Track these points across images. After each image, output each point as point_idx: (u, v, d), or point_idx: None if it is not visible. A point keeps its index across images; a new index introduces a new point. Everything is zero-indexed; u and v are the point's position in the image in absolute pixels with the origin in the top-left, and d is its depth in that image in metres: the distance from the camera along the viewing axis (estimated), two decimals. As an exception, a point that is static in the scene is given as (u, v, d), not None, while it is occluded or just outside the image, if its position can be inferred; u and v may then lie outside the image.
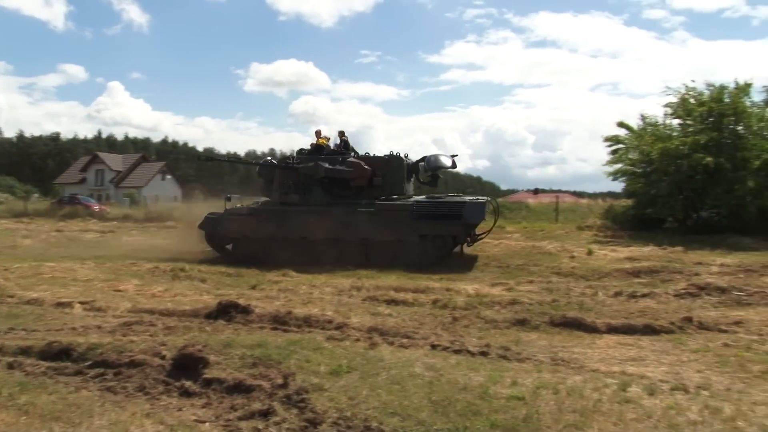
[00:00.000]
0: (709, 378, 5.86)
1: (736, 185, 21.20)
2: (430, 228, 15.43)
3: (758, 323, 8.24)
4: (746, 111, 22.53)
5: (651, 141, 22.74)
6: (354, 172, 16.59)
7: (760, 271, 12.76)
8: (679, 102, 23.39)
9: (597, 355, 6.74)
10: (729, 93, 22.61)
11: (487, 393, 5.10)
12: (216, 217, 16.85)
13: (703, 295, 10.38)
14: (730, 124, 22.32)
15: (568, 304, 9.55)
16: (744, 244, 18.17)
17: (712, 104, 22.25)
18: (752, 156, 21.71)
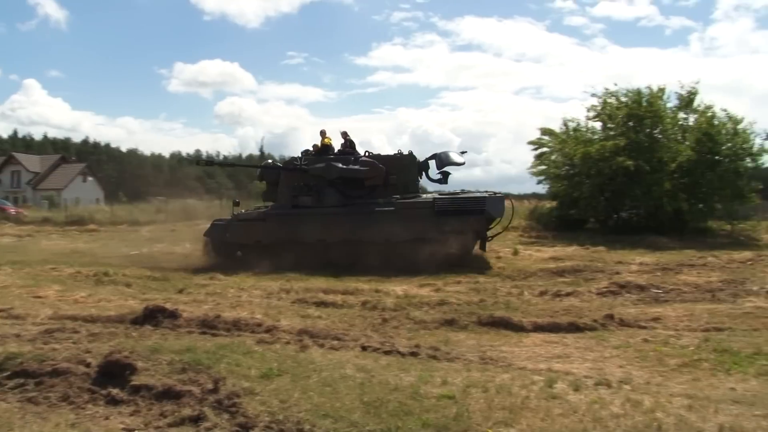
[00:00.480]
0: (630, 372, 6.07)
1: (653, 187, 22.01)
2: (453, 224, 15.02)
3: (674, 319, 8.60)
4: (662, 115, 23.42)
5: (574, 144, 23.40)
6: (370, 172, 16.16)
7: (676, 269, 13.30)
8: (601, 106, 24.15)
9: (524, 353, 6.90)
10: (647, 98, 23.46)
11: (418, 393, 5.14)
12: (224, 223, 16.06)
13: (624, 293, 10.78)
14: (648, 128, 23.15)
15: (495, 304, 9.72)
16: (661, 243, 18.86)
17: (631, 108, 23.03)
18: (668, 158, 22.58)
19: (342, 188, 16.07)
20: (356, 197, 15.83)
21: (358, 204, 15.58)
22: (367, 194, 15.93)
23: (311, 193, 16.00)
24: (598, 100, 24.27)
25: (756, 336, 7.59)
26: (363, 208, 15.36)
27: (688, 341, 7.34)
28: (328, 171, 16.05)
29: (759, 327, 8.11)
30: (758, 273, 12.71)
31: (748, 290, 11.00)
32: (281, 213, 15.97)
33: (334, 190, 16.03)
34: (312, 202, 15.85)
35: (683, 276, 12.56)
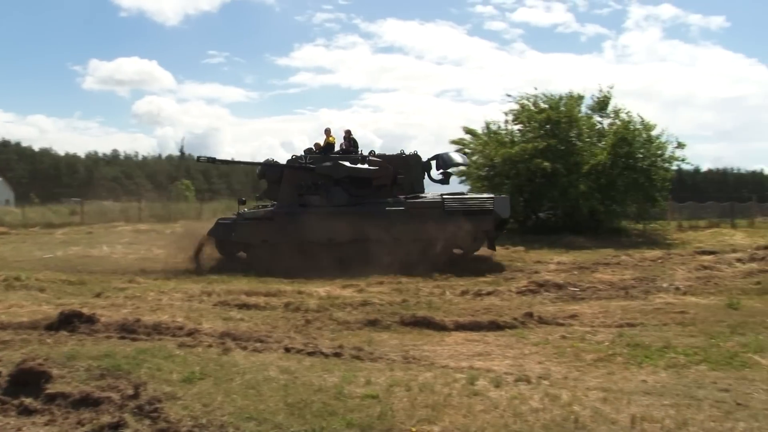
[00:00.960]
0: (548, 368, 6.24)
1: (569, 188, 22.65)
2: (463, 224, 14.96)
3: (590, 316, 8.90)
4: (578, 119, 24.15)
5: (494, 146, 23.82)
6: (378, 171, 16.06)
7: (592, 268, 13.75)
8: (519, 109, 24.70)
9: (446, 352, 6.99)
10: (564, 102, 24.14)
11: (342, 393, 5.16)
12: (230, 222, 15.56)
13: (543, 292, 11.07)
14: (564, 132, 23.79)
15: (417, 304, 9.83)
16: (578, 243, 19.42)
17: (549, 112, 23.65)
18: (583, 161, 23.28)
19: (349, 187, 15.84)
20: (364, 196, 15.63)
21: (368, 203, 15.41)
22: (373, 194, 15.77)
23: (319, 192, 15.76)
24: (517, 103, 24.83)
25: (666, 330, 7.94)
26: (373, 208, 15.24)
27: (603, 337, 7.59)
28: (336, 170, 15.88)
29: (668, 322, 8.48)
30: (668, 270, 13.26)
31: (658, 287, 11.50)
32: (289, 212, 15.53)
33: (342, 189, 15.78)
34: (320, 201, 15.59)
35: (599, 274, 12.98)
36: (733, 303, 9.56)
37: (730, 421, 4.54)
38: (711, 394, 5.25)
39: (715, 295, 10.70)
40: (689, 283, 11.92)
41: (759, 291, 11.16)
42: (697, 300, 10.29)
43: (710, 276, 12.65)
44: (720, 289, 11.40)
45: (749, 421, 4.56)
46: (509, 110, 24.95)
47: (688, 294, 10.88)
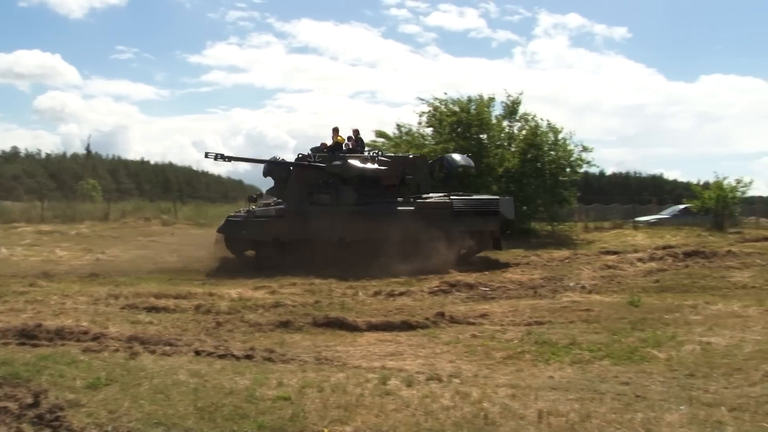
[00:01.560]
0: (459, 367, 6.34)
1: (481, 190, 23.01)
2: (471, 224, 15.57)
3: (500, 315, 9.10)
4: (489, 123, 24.64)
5: (407, 148, 24.01)
6: (388, 171, 16.21)
7: (502, 268, 14.03)
8: (432, 112, 25.00)
9: (359, 352, 7.02)
10: (475, 105, 24.58)
11: (254, 396, 5.10)
12: (241, 219, 15.35)
13: (454, 292, 11.26)
14: (476, 134, 24.22)
15: (330, 305, 9.83)
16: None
17: (460, 114, 24.03)
18: (495, 163, 23.75)
19: (359, 187, 15.92)
20: (372, 196, 15.73)
21: (378, 203, 15.59)
22: (381, 194, 15.92)
23: (329, 191, 15.80)
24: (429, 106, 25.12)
25: (572, 328, 8.19)
26: (384, 207, 15.43)
27: (512, 335, 7.77)
28: (346, 169, 15.96)
29: (574, 319, 8.76)
30: (574, 270, 13.69)
31: (565, 286, 11.87)
32: (300, 210, 15.49)
33: (352, 188, 15.86)
34: (329, 200, 15.68)
35: (509, 274, 13.29)
36: (634, 301, 9.96)
37: (630, 413, 4.72)
38: (613, 387, 5.46)
39: (618, 294, 11.13)
40: (594, 282, 12.36)
41: (657, 289, 11.70)
42: (602, 298, 10.67)
43: (614, 275, 13.15)
44: (622, 287, 11.87)
45: (647, 411, 4.76)
46: (421, 112, 25.24)
47: (593, 292, 11.28)
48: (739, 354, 6.71)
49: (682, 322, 8.49)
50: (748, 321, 8.56)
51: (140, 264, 15.17)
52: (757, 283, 12.21)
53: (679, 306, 9.71)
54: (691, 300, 10.29)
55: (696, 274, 13.25)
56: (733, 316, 9.00)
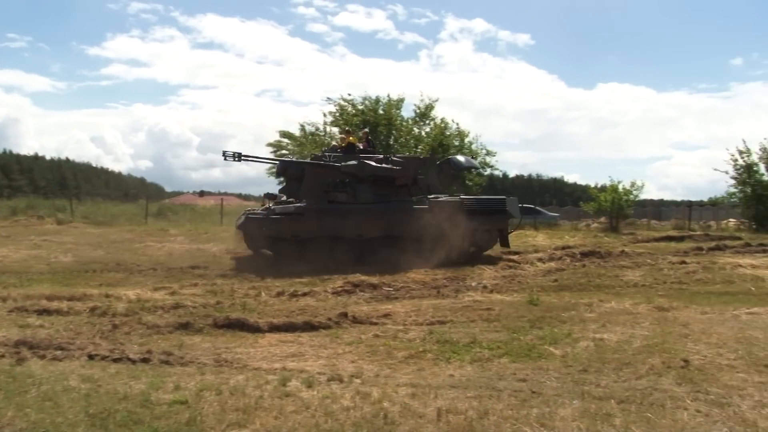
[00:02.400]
0: (361, 367, 6.33)
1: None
2: (480, 222, 16.26)
3: (403, 315, 9.14)
4: (397, 124, 24.84)
5: (312, 148, 23.93)
6: (402, 171, 16.63)
7: (406, 268, 14.09)
8: (338, 112, 25.00)
9: (259, 354, 6.91)
10: (383, 106, 24.73)
11: (149, 400, 4.94)
12: (262, 216, 15.62)
13: (358, 292, 11.27)
14: (383, 135, 24.37)
15: (232, 306, 9.66)
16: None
17: (368, 113, 24.12)
18: (401, 164, 23.95)
19: (374, 186, 16.32)
20: (387, 195, 16.25)
21: (395, 201, 16.17)
22: (394, 193, 16.45)
23: (346, 190, 16.25)
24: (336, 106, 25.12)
25: (473, 327, 8.31)
26: (400, 206, 16.02)
27: (414, 334, 7.81)
28: (362, 169, 16.27)
29: (475, 318, 8.90)
30: (476, 270, 13.94)
31: (467, 286, 12.09)
32: (319, 208, 15.81)
33: (368, 187, 16.24)
34: (346, 198, 16.13)
35: (412, 274, 13.37)
36: (533, 299, 10.23)
37: (526, 408, 4.84)
38: (510, 384, 5.57)
39: (519, 293, 11.39)
40: (496, 281, 12.63)
41: (556, 288, 12.06)
42: (503, 297, 10.90)
43: (514, 275, 13.47)
44: (523, 286, 12.17)
45: (542, 407, 4.89)
46: (328, 112, 25.21)
47: (495, 292, 11.51)
48: (628, 349, 6.97)
49: (577, 320, 8.76)
50: (638, 318, 8.92)
51: (32, 264, 14.53)
52: (647, 282, 12.78)
53: (575, 304, 10.03)
54: (586, 298, 10.65)
55: (592, 273, 13.74)
56: (625, 313, 9.37)
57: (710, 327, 8.17)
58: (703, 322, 8.62)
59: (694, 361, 6.42)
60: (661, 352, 6.79)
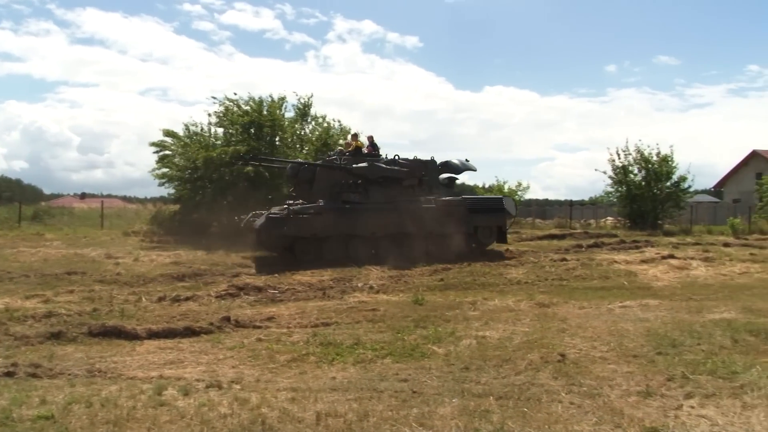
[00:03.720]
0: (242, 372, 6.20)
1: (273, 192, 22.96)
2: (481, 220, 17.99)
3: (287, 317, 9.05)
4: (281, 124, 24.58)
5: (196, 148, 23.33)
6: (409, 173, 17.87)
7: (292, 270, 13.98)
8: (224, 112, 24.47)
9: (136, 362, 6.65)
10: (268, 106, 24.40)
11: (10, 417, 4.65)
12: (282, 216, 16.28)
13: (242, 295, 11.08)
14: (268, 136, 24.06)
15: (109, 313, 9.29)
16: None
17: (253, 115, 23.74)
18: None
19: (383, 187, 17.46)
20: (395, 196, 17.34)
21: (404, 201, 17.24)
22: (401, 193, 17.52)
23: (358, 191, 17.39)
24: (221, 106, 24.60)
25: (357, 328, 8.32)
26: (409, 205, 17.13)
27: (298, 337, 7.74)
28: (372, 171, 17.51)
29: (360, 319, 8.92)
30: (363, 271, 13.96)
31: (354, 287, 12.10)
32: (335, 208, 16.83)
33: (378, 188, 17.42)
34: (359, 198, 17.19)
35: (299, 276, 13.28)
36: (418, 299, 10.35)
37: (406, 409, 4.86)
38: (392, 385, 5.59)
39: (404, 293, 11.51)
40: (382, 282, 12.70)
41: (442, 287, 12.26)
42: (388, 298, 10.99)
43: (401, 275, 13.58)
44: (409, 286, 12.30)
45: (422, 406, 4.93)
46: (213, 112, 24.64)
47: (381, 292, 11.59)
48: (509, 346, 7.16)
49: (461, 318, 8.93)
50: (520, 314, 9.19)
51: None
52: (529, 279, 13.20)
53: (460, 303, 10.23)
54: (471, 297, 10.90)
55: (477, 272, 14.04)
56: (507, 310, 9.64)
57: (586, 321, 8.52)
58: (581, 316, 8.98)
59: (570, 355, 6.66)
60: (540, 348, 7.00)
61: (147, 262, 15.66)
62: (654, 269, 14.48)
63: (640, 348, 6.95)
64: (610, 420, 4.68)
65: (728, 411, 4.87)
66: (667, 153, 29.28)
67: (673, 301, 10.30)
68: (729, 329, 7.73)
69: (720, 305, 9.72)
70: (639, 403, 5.08)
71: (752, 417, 4.72)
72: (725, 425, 4.58)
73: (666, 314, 9.01)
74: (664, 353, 6.70)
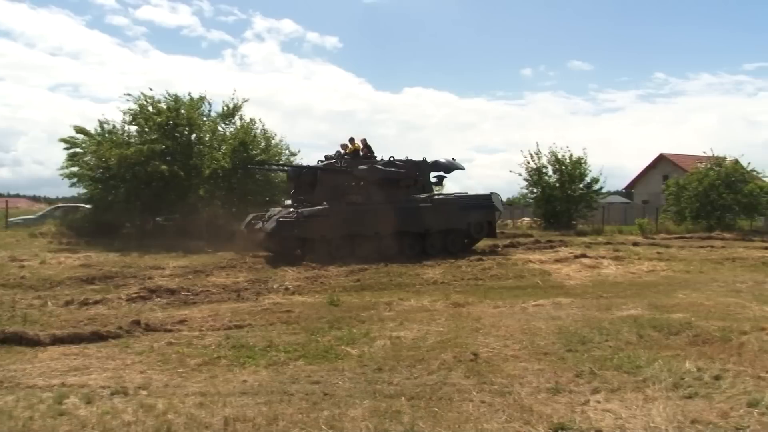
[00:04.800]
0: (150, 377, 6.02)
1: (189, 192, 22.50)
2: (474, 216, 19.09)
3: (200, 320, 8.86)
4: (199, 123, 24.10)
5: (109, 147, 22.60)
6: (405, 174, 18.78)
7: (207, 271, 13.76)
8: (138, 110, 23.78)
9: (37, 370, 6.36)
10: (185, 104, 23.87)
11: None
12: (293, 219, 16.63)
13: (154, 298, 10.79)
14: (185, 134, 23.55)
15: (11, 318, 8.87)
16: (197, 247, 19.31)
17: (169, 114, 23.17)
18: (204, 165, 23.31)
19: (382, 188, 18.10)
20: (394, 196, 18.09)
21: (403, 201, 18.17)
22: (398, 193, 18.31)
23: (360, 192, 18.02)
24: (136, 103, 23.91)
25: (271, 330, 8.23)
26: (408, 204, 18.14)
27: (210, 340, 7.60)
28: (372, 173, 18.20)
29: (274, 321, 8.83)
30: (279, 272, 13.83)
31: (269, 288, 11.95)
32: (341, 209, 17.37)
33: (378, 189, 18.02)
34: (362, 199, 17.83)
35: (213, 278, 13.06)
36: (334, 300, 10.32)
37: (316, 411, 4.83)
38: (303, 387, 5.54)
39: (320, 294, 11.45)
40: (298, 283, 12.59)
41: (358, 288, 12.27)
42: (304, 299, 10.91)
43: (317, 276, 13.51)
44: (325, 287, 12.23)
45: (332, 408, 4.90)
46: (127, 110, 23.90)
47: (296, 294, 11.49)
48: (423, 346, 7.21)
49: (376, 319, 8.94)
50: (435, 314, 9.28)
51: None
52: (446, 279, 13.36)
53: (375, 303, 10.26)
54: (387, 297, 10.94)
55: (394, 272, 14.10)
56: (423, 310, 9.71)
57: (500, 320, 8.66)
58: (495, 315, 9.13)
59: (482, 354, 6.76)
60: (454, 347, 7.08)
61: (54, 265, 15.06)
62: (567, 268, 14.91)
63: (551, 346, 7.12)
64: (520, 417, 4.76)
65: (631, 404, 5.03)
66: (580, 155, 30.22)
67: (585, 299, 10.60)
68: (635, 325, 8.01)
69: (628, 302, 10.07)
70: (548, 399, 5.20)
71: (653, 409, 4.88)
72: (628, 418, 4.72)
73: (577, 312, 9.27)
74: (573, 350, 6.88)
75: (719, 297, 10.64)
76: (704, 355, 6.55)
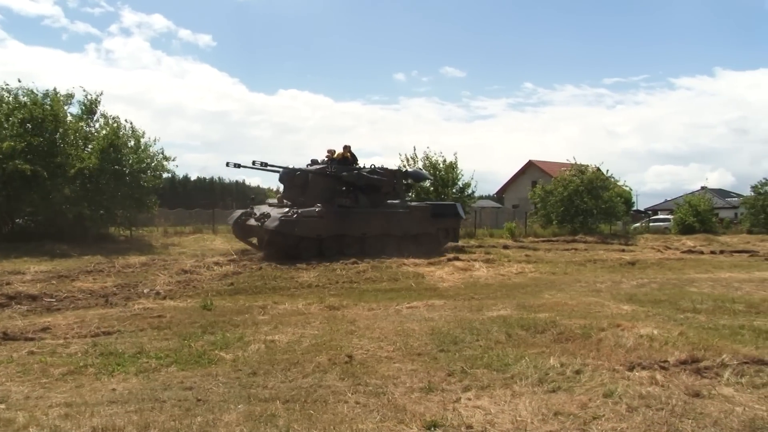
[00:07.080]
0: (9, 389, 5.68)
1: (53, 193, 21.42)
2: (442, 223, 21.72)
3: (65, 327, 8.47)
4: (64, 120, 23.00)
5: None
6: (386, 181, 20.77)
7: (72, 276, 13.22)
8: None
9: None
10: (48, 101, 22.73)
11: None
12: (294, 219, 17.75)
13: (14, 305, 10.27)
14: (48, 132, 22.41)
15: None
16: (61, 251, 18.53)
17: (32, 109, 21.99)
18: (69, 164, 22.24)
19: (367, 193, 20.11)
20: (377, 201, 20.16)
21: (386, 205, 20.37)
22: (380, 199, 20.35)
23: (349, 196, 19.89)
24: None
25: (141, 336, 7.99)
26: (391, 209, 20.33)
27: (76, 348, 7.28)
28: (359, 178, 20.21)
29: (145, 327, 8.58)
30: (150, 276, 13.48)
31: (139, 293, 11.62)
32: (334, 211, 18.82)
33: (363, 194, 20.01)
34: (350, 203, 19.55)
35: (79, 283, 12.55)
36: (207, 304, 10.16)
37: (189, 418, 4.72)
38: (176, 394, 5.41)
39: (193, 298, 11.25)
40: (170, 287, 12.30)
41: (231, 291, 12.12)
42: (176, 303, 10.68)
43: (190, 280, 13.24)
44: (198, 291, 12.02)
45: (206, 414, 4.81)
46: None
47: (168, 298, 11.24)
48: (298, 349, 7.21)
49: (250, 323, 8.86)
50: (310, 318, 9.30)
51: None
52: (321, 282, 13.41)
53: (249, 307, 10.18)
54: (261, 301, 10.89)
55: (268, 275, 14.02)
56: (297, 313, 9.72)
57: (375, 322, 8.79)
58: (369, 318, 9.25)
59: (357, 356, 6.83)
60: (329, 350, 7.12)
61: None
62: (440, 271, 15.34)
63: (424, 346, 7.28)
64: (394, 416, 4.85)
65: (500, 400, 5.22)
66: (452, 160, 31.02)
67: (457, 301, 10.94)
68: (504, 325, 8.31)
69: (498, 303, 10.46)
70: (421, 398, 5.31)
71: (520, 404, 5.09)
72: (497, 413, 4.90)
73: (450, 313, 9.54)
74: (446, 350, 7.07)
75: (581, 297, 11.24)
76: (567, 351, 6.88)
